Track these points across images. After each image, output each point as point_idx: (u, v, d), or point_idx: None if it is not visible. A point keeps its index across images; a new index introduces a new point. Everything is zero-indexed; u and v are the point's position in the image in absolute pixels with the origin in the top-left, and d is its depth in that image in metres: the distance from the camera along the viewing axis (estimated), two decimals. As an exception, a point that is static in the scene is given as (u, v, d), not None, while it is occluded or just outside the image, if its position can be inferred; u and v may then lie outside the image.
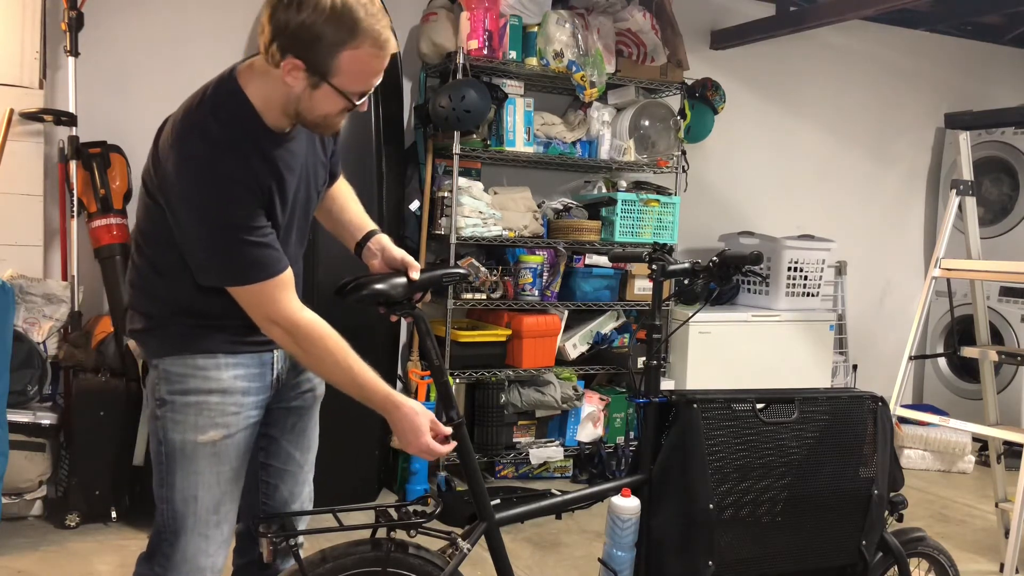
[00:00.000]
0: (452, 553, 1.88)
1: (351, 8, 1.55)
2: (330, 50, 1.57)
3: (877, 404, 2.29)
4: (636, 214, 4.39)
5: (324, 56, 1.57)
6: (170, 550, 1.80)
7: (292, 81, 1.61)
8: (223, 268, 1.67)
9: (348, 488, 3.80)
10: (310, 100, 1.64)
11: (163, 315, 1.78)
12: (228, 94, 1.68)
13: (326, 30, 1.55)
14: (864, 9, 4.48)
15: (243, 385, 1.80)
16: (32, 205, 3.57)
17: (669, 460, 2.10)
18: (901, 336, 5.05)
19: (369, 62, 1.62)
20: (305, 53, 1.57)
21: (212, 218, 1.63)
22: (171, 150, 1.65)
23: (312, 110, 1.66)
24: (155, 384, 1.79)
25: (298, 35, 1.55)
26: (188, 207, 1.63)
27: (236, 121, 1.66)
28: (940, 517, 4.24)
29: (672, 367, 4.67)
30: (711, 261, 2.20)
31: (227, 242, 1.64)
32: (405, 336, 4.36)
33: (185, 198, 1.63)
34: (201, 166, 1.62)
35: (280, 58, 1.59)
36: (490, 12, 4.01)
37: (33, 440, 3.37)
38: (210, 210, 1.62)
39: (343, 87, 1.62)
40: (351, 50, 1.58)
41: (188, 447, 1.77)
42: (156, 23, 3.91)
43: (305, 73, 1.60)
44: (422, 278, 1.89)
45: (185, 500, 1.78)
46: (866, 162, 5.81)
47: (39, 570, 3.08)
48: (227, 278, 1.68)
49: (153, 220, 1.74)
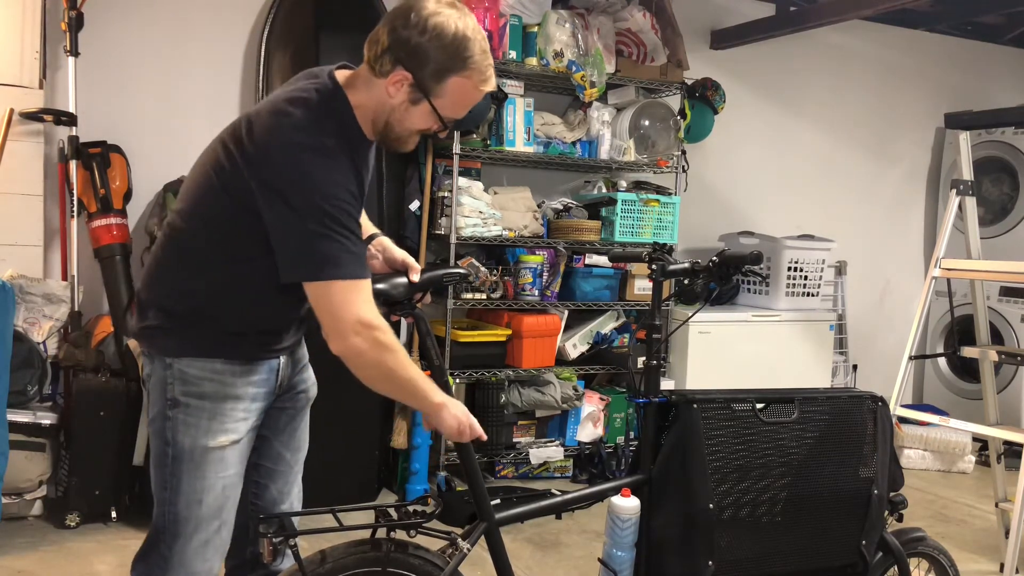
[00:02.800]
0: (452, 553, 1.88)
1: (469, 42, 1.67)
2: (441, 73, 1.68)
3: (877, 404, 2.29)
4: (636, 214, 4.40)
5: (433, 76, 1.68)
6: (168, 552, 1.79)
7: (394, 92, 1.70)
8: (320, 258, 1.63)
9: (348, 488, 3.80)
10: (405, 113, 1.73)
11: (188, 315, 1.76)
12: (338, 99, 1.72)
13: (442, 55, 1.66)
14: (864, 9, 4.48)
15: (253, 391, 1.82)
16: (32, 205, 3.57)
17: (669, 460, 2.10)
18: (901, 336, 5.06)
19: (470, 93, 1.73)
20: (417, 70, 1.67)
21: (321, 208, 1.62)
22: (282, 140, 1.64)
23: (402, 122, 1.74)
24: (167, 383, 1.76)
25: (416, 53, 1.66)
26: (296, 193, 1.62)
27: (346, 126, 1.72)
28: (940, 517, 4.24)
29: (672, 367, 4.67)
30: (711, 261, 2.20)
31: (330, 233, 1.62)
32: (405, 336, 4.36)
33: (295, 185, 1.62)
34: (316, 159, 1.63)
35: (391, 69, 1.68)
36: (490, 12, 4.01)
37: (33, 440, 3.37)
38: (321, 201, 1.62)
39: (440, 109, 1.72)
40: (459, 78, 1.69)
41: (198, 452, 1.76)
42: (156, 23, 3.91)
43: (410, 87, 1.69)
44: (422, 278, 1.90)
45: (189, 504, 1.77)
46: (866, 162, 5.81)
47: (39, 570, 3.08)
48: (319, 270, 1.64)
49: (212, 218, 1.72)
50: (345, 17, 3.95)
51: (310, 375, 2.04)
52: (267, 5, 4.02)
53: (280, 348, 1.87)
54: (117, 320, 3.60)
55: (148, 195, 3.83)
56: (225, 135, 1.74)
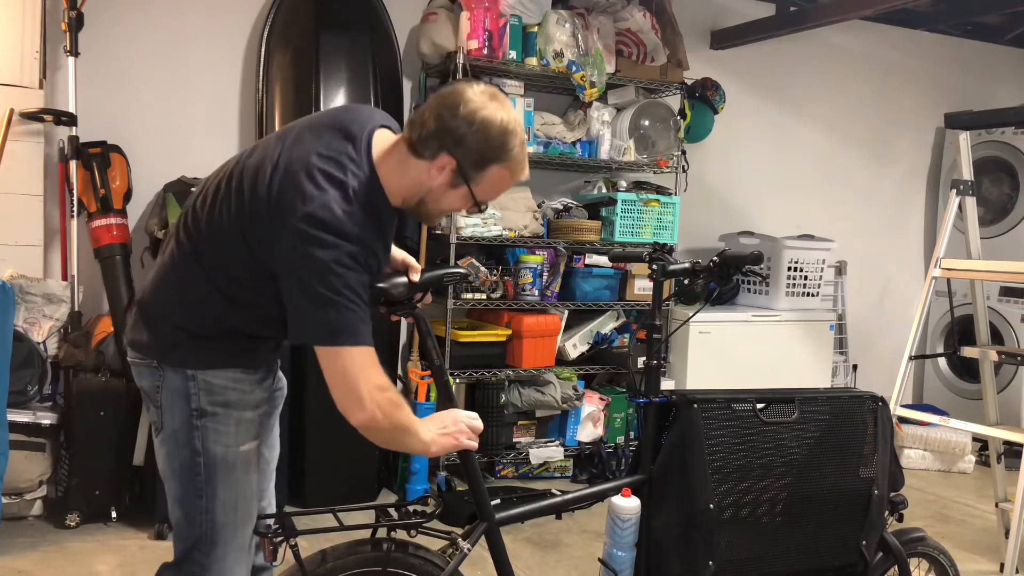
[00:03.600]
0: (452, 553, 1.88)
1: (511, 136, 1.75)
2: (483, 163, 1.75)
3: (877, 404, 2.29)
4: (636, 214, 4.39)
5: (477, 164, 1.74)
6: (206, 560, 1.79)
7: (436, 175, 1.74)
8: (331, 324, 1.64)
9: (348, 488, 3.81)
10: (443, 195, 1.77)
11: (208, 332, 1.77)
12: (373, 187, 1.72)
13: (486, 147, 1.73)
14: (864, 9, 4.48)
15: (262, 396, 1.87)
16: (32, 205, 3.57)
17: (669, 460, 2.10)
18: (901, 336, 5.05)
19: (506, 182, 1.80)
20: (463, 156, 1.73)
21: (334, 283, 1.62)
22: (304, 211, 1.62)
23: (438, 203, 1.79)
24: (191, 394, 1.76)
25: (465, 140, 1.71)
26: (312, 270, 1.62)
27: (378, 207, 1.73)
28: (940, 517, 4.24)
29: (672, 367, 4.67)
30: (711, 261, 2.20)
31: (341, 303, 1.63)
32: (405, 336, 4.36)
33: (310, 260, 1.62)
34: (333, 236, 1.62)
35: (436, 153, 1.72)
36: (490, 12, 4.01)
37: (33, 440, 3.37)
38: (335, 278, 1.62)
39: (476, 194, 1.78)
40: (499, 168, 1.76)
41: (230, 457, 1.78)
42: (156, 23, 3.91)
43: (452, 173, 1.74)
44: (423, 278, 1.91)
45: (226, 511, 1.79)
46: (866, 162, 5.81)
47: (39, 570, 3.08)
48: (331, 335, 1.64)
49: (237, 256, 1.72)
50: (345, 17, 3.95)
51: (281, 374, 2.06)
52: (267, 5, 4.02)
53: (278, 353, 1.92)
54: (117, 320, 3.60)
55: (148, 195, 3.83)
56: (247, 177, 1.73)
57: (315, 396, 3.53)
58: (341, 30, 3.90)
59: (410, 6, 4.29)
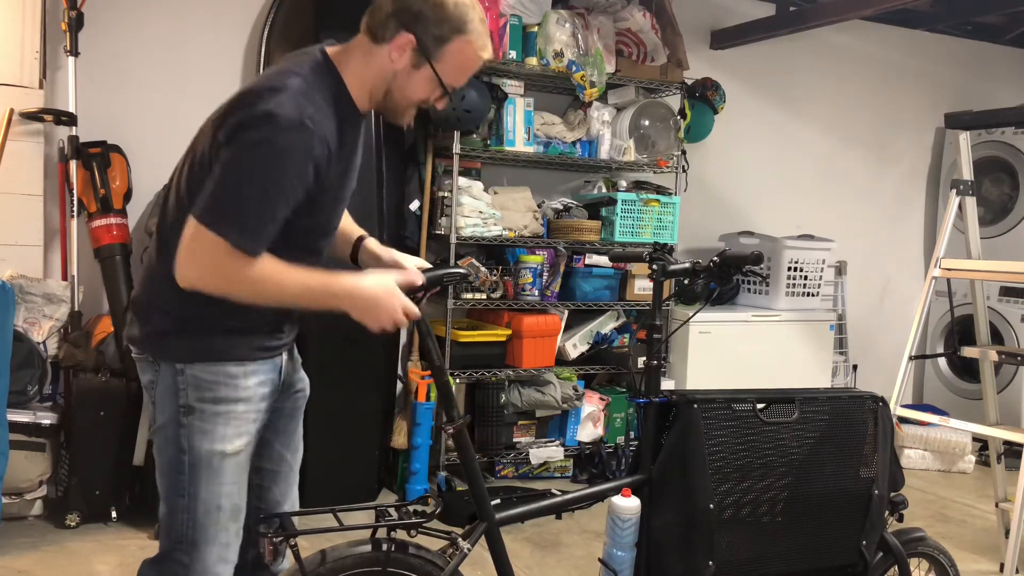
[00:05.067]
0: (452, 553, 1.88)
1: (469, 9, 1.72)
2: (445, 35, 1.71)
3: (877, 404, 2.29)
4: (636, 214, 4.39)
5: (437, 39, 1.71)
6: (188, 560, 1.78)
7: (397, 56, 1.71)
8: (224, 207, 1.60)
9: (348, 488, 3.81)
10: (407, 79, 1.74)
11: (193, 316, 1.74)
12: (330, 72, 1.73)
13: (446, 17, 1.70)
14: (864, 9, 4.48)
15: (262, 391, 1.81)
16: (32, 205, 3.57)
17: (669, 460, 2.10)
18: (901, 336, 5.04)
19: (471, 58, 1.76)
20: (422, 32, 1.70)
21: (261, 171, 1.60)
22: (255, 102, 1.61)
23: (403, 90, 1.75)
24: (180, 389, 1.74)
25: (421, 15, 1.69)
26: (247, 152, 1.60)
27: (337, 99, 1.71)
28: (940, 517, 4.24)
29: (672, 367, 4.66)
30: (711, 261, 2.20)
31: (252, 195, 1.60)
32: (405, 336, 4.36)
33: (250, 144, 1.59)
34: (281, 126, 1.59)
35: (394, 34, 1.70)
36: (490, 12, 4.01)
37: (33, 440, 3.37)
38: (266, 166, 1.60)
39: (441, 74, 1.74)
40: (461, 41, 1.72)
41: (215, 457, 1.75)
42: (156, 23, 3.91)
43: (414, 52, 1.71)
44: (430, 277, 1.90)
45: (208, 510, 1.76)
46: (866, 162, 5.81)
47: (39, 570, 3.08)
48: (214, 216, 1.61)
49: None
50: (345, 17, 3.92)
51: (304, 374, 2.04)
52: (267, 5, 4.02)
53: (282, 344, 1.87)
54: (117, 320, 3.60)
55: (148, 195, 3.82)
56: (208, 123, 1.72)
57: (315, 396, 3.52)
58: (341, 30, 3.85)
59: (410, 6, 4.28)
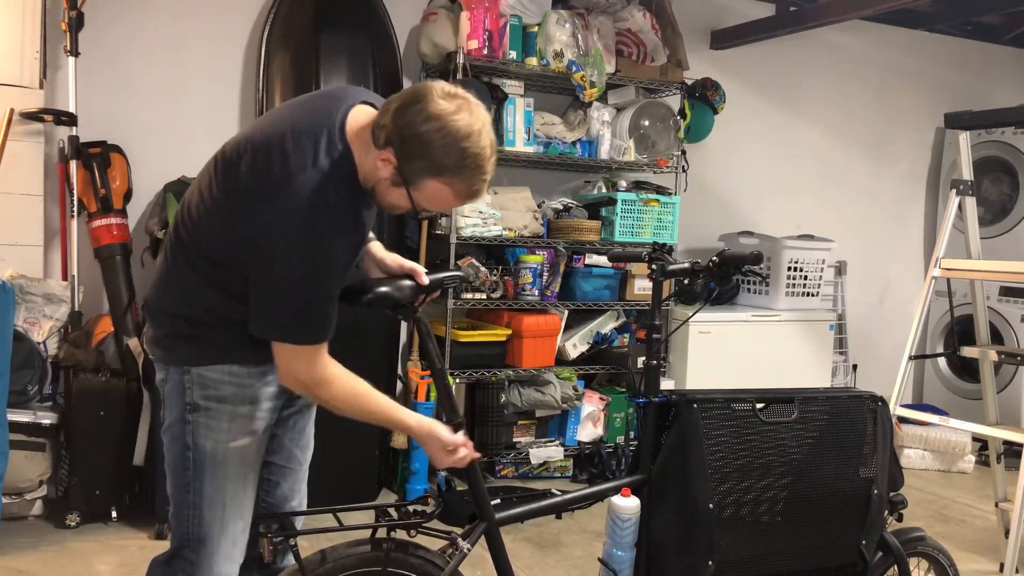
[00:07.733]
0: (452, 553, 1.88)
1: (468, 153, 1.62)
2: (425, 171, 1.64)
3: (877, 404, 2.29)
4: (636, 214, 4.39)
5: (417, 172, 1.64)
6: (195, 556, 1.79)
7: (381, 166, 1.66)
8: (287, 325, 1.66)
9: (348, 488, 3.80)
10: (386, 189, 1.69)
11: (207, 322, 1.75)
12: (342, 157, 1.68)
13: (429, 155, 1.62)
14: (864, 9, 4.48)
15: (269, 392, 1.82)
16: (32, 205, 3.57)
17: (669, 460, 2.10)
18: (901, 336, 5.05)
19: (450, 200, 1.70)
20: (404, 159, 1.63)
21: (306, 281, 1.63)
22: (281, 202, 1.61)
23: (384, 196, 1.72)
24: (185, 388, 1.76)
25: (408, 142, 1.61)
26: (285, 261, 1.61)
27: (349, 189, 1.69)
28: (940, 517, 4.24)
29: (672, 367, 4.66)
30: (711, 261, 2.20)
31: (306, 304, 1.64)
32: (405, 336, 4.36)
33: (286, 253, 1.61)
34: (314, 231, 1.61)
35: (383, 145, 1.64)
36: (490, 12, 4.01)
37: (33, 440, 3.37)
38: (309, 273, 1.62)
39: (416, 200, 1.69)
40: (441, 183, 1.65)
41: (220, 453, 1.77)
42: (156, 23, 3.91)
43: (395, 171, 1.65)
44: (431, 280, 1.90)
45: (213, 507, 1.78)
46: (866, 162, 5.81)
47: (39, 570, 3.08)
48: (283, 333, 1.68)
49: (216, 239, 1.71)
50: (345, 17, 3.95)
51: None
52: (267, 6, 4.02)
53: None
54: (117, 320, 3.60)
55: (148, 195, 3.83)
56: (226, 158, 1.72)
57: (315, 396, 3.53)
58: (341, 30, 3.90)
59: (410, 6, 4.29)
